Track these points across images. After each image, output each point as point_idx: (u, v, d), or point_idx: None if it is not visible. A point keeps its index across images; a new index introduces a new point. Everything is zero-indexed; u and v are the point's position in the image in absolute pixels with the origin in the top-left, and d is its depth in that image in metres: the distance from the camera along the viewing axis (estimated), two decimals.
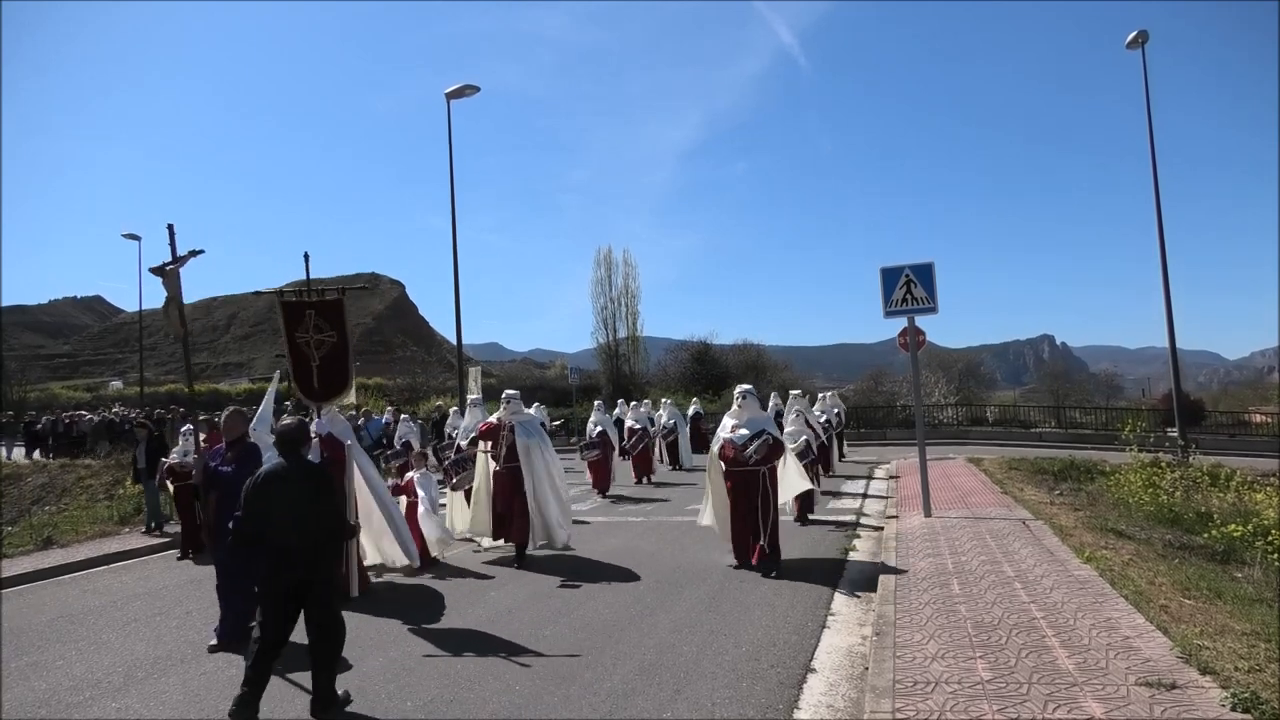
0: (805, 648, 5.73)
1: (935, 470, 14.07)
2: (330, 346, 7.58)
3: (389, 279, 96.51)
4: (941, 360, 44.49)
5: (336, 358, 7.61)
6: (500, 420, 9.26)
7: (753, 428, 8.37)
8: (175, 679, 5.59)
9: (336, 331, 7.57)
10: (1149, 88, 19.99)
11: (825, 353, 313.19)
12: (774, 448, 8.29)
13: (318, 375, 7.61)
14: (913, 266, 10.70)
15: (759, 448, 8.14)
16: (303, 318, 7.57)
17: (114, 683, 5.59)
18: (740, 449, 8.25)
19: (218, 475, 6.43)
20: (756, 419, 8.50)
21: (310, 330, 7.56)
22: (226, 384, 57.61)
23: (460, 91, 20.79)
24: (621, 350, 45.01)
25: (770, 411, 11.84)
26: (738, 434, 8.37)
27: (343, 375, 7.68)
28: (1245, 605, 6.04)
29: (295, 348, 7.61)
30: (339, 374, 7.65)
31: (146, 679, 5.62)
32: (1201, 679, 4.35)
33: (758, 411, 8.60)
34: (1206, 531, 9.47)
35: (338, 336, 7.57)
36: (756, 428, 8.36)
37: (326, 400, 7.74)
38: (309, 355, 7.58)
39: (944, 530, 9.30)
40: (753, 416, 8.51)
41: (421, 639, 6.29)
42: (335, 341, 7.58)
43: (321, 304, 7.60)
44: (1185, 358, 25.56)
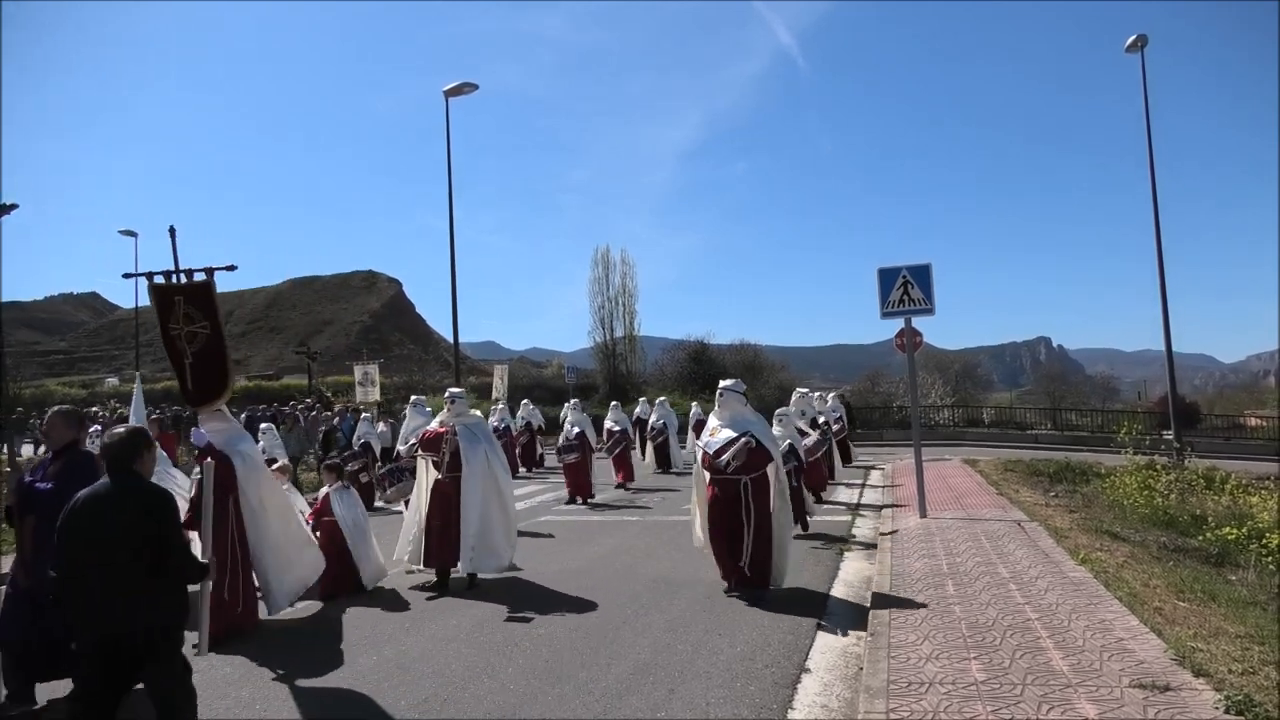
0: (800, 648, 5.72)
1: (931, 471, 14.07)
2: (204, 340, 6.36)
3: (386, 277, 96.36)
4: (938, 361, 44.57)
5: (210, 353, 6.40)
6: (444, 425, 8.19)
7: (736, 429, 7.22)
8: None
9: (209, 322, 6.36)
10: (1147, 93, 20.03)
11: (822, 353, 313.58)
12: (757, 452, 7.07)
13: (190, 374, 6.39)
14: (910, 268, 10.71)
15: (736, 453, 6.96)
16: (173, 305, 6.36)
17: None
18: (715, 455, 7.09)
19: (34, 494, 5.00)
20: (740, 419, 7.34)
21: (181, 320, 6.36)
22: None
23: (458, 89, 20.78)
24: (619, 350, 45.03)
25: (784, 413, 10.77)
26: (715, 438, 7.25)
27: (218, 374, 6.46)
28: (1239, 608, 6.05)
29: (169, 341, 6.44)
30: (214, 372, 6.43)
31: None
32: (1195, 681, 4.35)
33: (741, 410, 7.44)
34: (1201, 534, 9.49)
35: (210, 328, 6.37)
36: (740, 429, 7.21)
37: (203, 404, 6.48)
38: (182, 350, 6.40)
39: (939, 531, 9.31)
40: (736, 416, 7.37)
41: (415, 638, 6.28)
42: (208, 334, 6.37)
43: (190, 289, 6.37)
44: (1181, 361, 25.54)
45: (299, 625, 6.75)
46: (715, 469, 7.09)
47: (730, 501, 7.09)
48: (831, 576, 7.93)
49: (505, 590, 7.72)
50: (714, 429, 7.37)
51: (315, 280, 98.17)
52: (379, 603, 7.43)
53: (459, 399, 8.35)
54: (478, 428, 8.20)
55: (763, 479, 7.18)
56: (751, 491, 7.06)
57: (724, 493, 7.13)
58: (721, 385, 7.56)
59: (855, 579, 7.81)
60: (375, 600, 7.53)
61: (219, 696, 5.16)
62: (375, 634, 6.40)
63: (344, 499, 7.96)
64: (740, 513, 7.02)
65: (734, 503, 7.07)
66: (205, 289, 6.38)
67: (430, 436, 8.18)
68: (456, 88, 20.76)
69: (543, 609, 6.96)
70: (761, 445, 7.11)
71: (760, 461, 7.12)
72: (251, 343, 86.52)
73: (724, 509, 7.13)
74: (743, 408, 7.45)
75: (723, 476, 7.07)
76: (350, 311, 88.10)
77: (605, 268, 44.97)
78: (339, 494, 8.00)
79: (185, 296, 6.36)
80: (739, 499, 7.05)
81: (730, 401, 7.38)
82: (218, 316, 6.44)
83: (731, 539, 7.09)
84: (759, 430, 7.26)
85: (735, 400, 7.41)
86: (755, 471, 7.09)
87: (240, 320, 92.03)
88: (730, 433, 7.17)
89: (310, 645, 6.19)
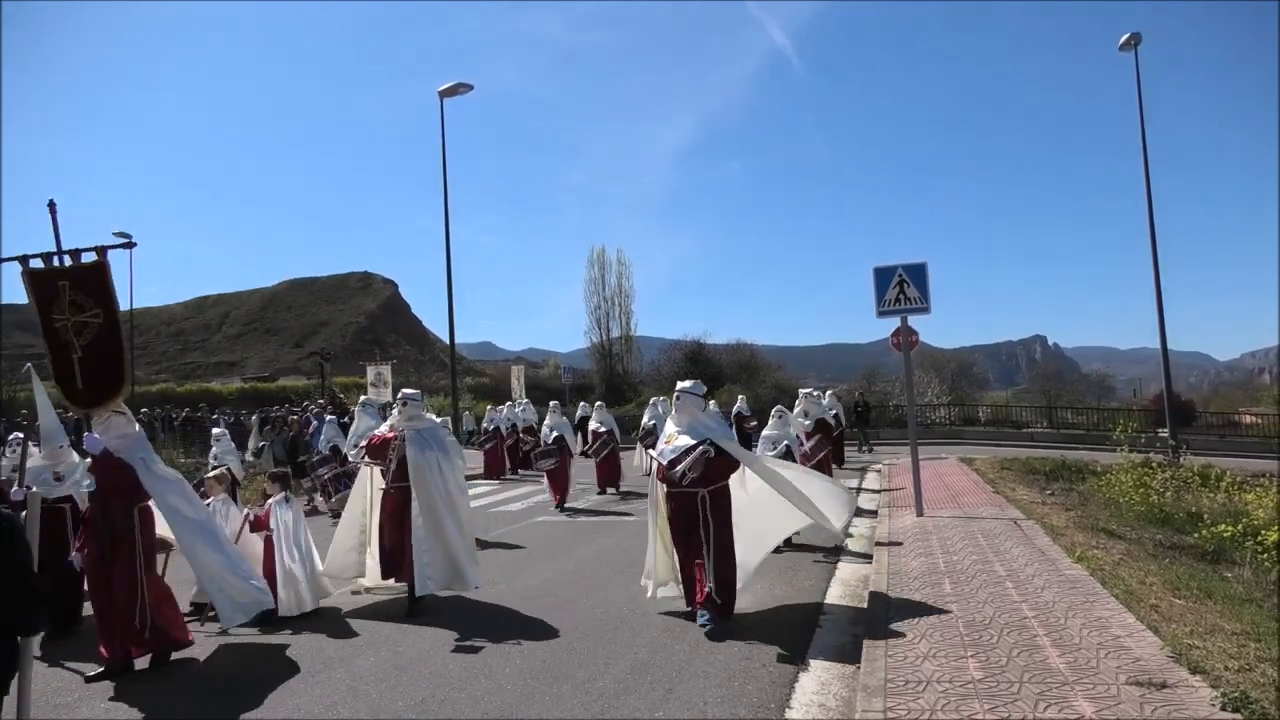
0: (797, 647, 5.72)
1: (928, 470, 14.08)
2: (95, 330, 5.61)
3: (382, 278, 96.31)
4: (934, 360, 44.57)
5: (103, 346, 5.64)
6: (394, 430, 7.42)
7: (694, 436, 6.39)
8: None
9: (102, 309, 5.61)
10: (1141, 91, 20.08)
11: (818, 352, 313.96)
12: (717, 462, 6.28)
13: (80, 370, 5.61)
14: (906, 266, 10.71)
15: (693, 462, 6.15)
16: (57, 293, 5.62)
17: None
18: (669, 465, 6.31)
19: None
20: (699, 424, 6.53)
21: (67, 309, 5.61)
22: (218, 383, 57.41)
23: (453, 89, 20.77)
24: (615, 350, 45.06)
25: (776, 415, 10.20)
26: (671, 446, 6.45)
27: (114, 370, 5.72)
28: (1235, 605, 6.07)
29: (52, 333, 5.66)
30: (109, 368, 5.68)
31: None
32: (1192, 678, 4.36)
33: (699, 414, 6.63)
34: (1197, 531, 9.51)
35: (104, 316, 5.62)
36: (698, 435, 6.38)
37: (96, 405, 5.73)
38: (69, 344, 5.62)
39: (936, 530, 9.32)
40: (694, 422, 6.54)
41: (412, 638, 6.27)
42: (101, 323, 5.62)
43: (77, 271, 5.63)
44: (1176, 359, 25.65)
45: (295, 625, 6.73)
46: (670, 481, 6.34)
47: (688, 517, 6.31)
48: (829, 575, 7.94)
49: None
50: (670, 436, 6.60)
51: (311, 281, 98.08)
52: (375, 603, 7.42)
53: (411, 400, 7.54)
54: (430, 433, 7.37)
55: (723, 492, 6.41)
56: (710, 505, 6.23)
57: (681, 507, 6.34)
58: (679, 387, 6.75)
59: (852, 578, 7.81)
60: (371, 600, 7.51)
61: (217, 696, 5.15)
62: (372, 635, 6.39)
63: (286, 509, 7.29)
64: (699, 530, 6.22)
65: (692, 519, 6.28)
66: (97, 271, 5.61)
67: (377, 442, 7.46)
68: (451, 88, 20.75)
69: (535, 610, 6.95)
70: (722, 453, 6.36)
71: (721, 471, 6.37)
72: (247, 344, 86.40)
73: (681, 526, 6.37)
74: (701, 413, 6.68)
75: (679, 489, 6.30)
76: (346, 312, 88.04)
77: (602, 268, 45.07)
78: (281, 506, 7.28)
79: (72, 281, 5.61)
80: (697, 515, 6.25)
81: (688, 405, 6.59)
82: (112, 303, 5.66)
83: (692, 557, 6.34)
84: (719, 436, 6.48)
85: (694, 404, 6.63)
86: (715, 483, 6.30)
87: (236, 322, 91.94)
88: (687, 440, 6.38)
89: (307, 645, 6.17)
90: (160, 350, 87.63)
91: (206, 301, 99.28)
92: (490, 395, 38.79)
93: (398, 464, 7.20)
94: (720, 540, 6.22)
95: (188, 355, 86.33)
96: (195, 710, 5.00)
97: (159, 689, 5.39)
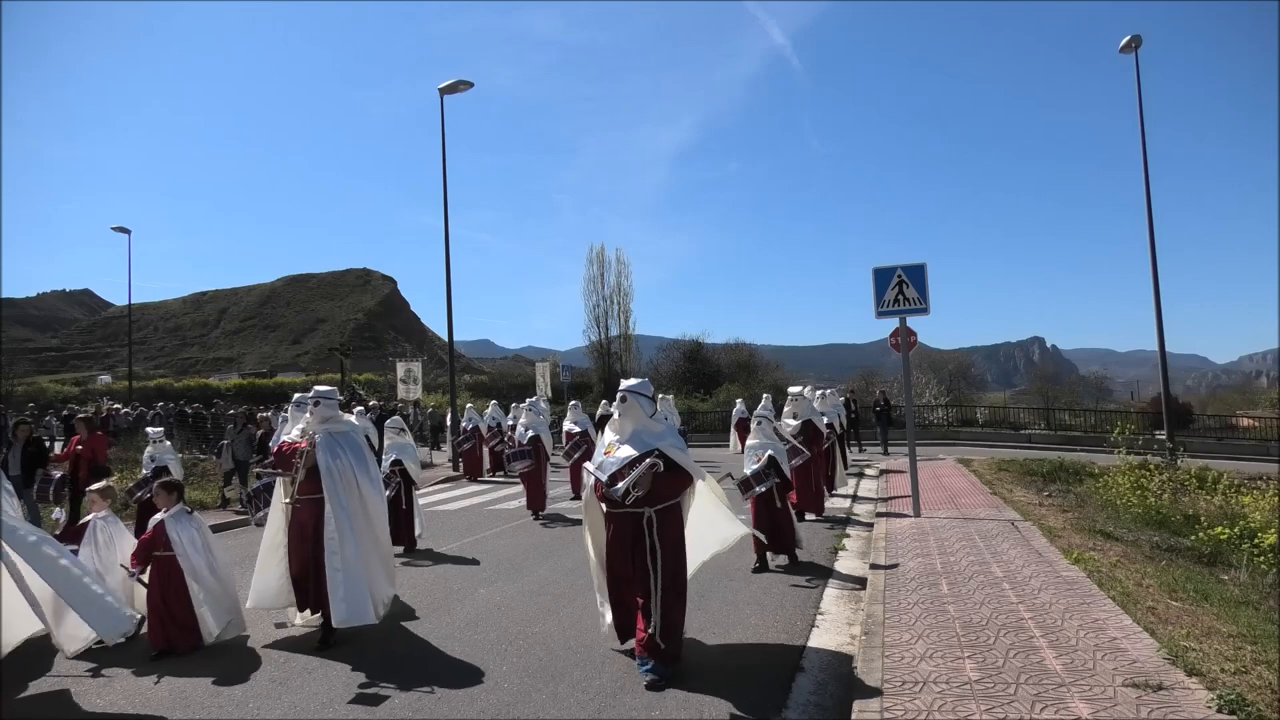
0: (794, 647, 5.73)
1: (925, 471, 14.11)
2: None
3: (381, 275, 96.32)
4: (932, 361, 44.61)
5: None
6: (306, 435, 6.46)
7: (638, 445, 5.31)
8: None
9: None
10: (1141, 94, 20.07)
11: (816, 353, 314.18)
12: (666, 477, 5.23)
13: None
14: (905, 267, 10.72)
15: (639, 478, 5.06)
16: None
17: None
18: (609, 481, 5.21)
19: None
20: (645, 432, 5.40)
21: None
22: (216, 379, 57.38)
23: (454, 87, 20.75)
24: (614, 349, 45.04)
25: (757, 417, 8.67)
26: (611, 457, 5.36)
27: None
28: (1231, 607, 6.07)
29: None
30: None
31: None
32: (1188, 680, 4.37)
33: (646, 421, 5.48)
34: (1193, 534, 9.52)
35: None
36: (643, 445, 5.30)
37: None
38: None
39: (933, 531, 9.33)
40: (640, 428, 5.43)
41: (409, 637, 6.27)
42: None
43: None
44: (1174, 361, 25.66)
45: (290, 624, 6.71)
46: (610, 500, 5.23)
47: (631, 543, 5.25)
48: (825, 576, 7.93)
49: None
50: (610, 445, 5.49)
51: (309, 278, 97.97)
52: None
53: (325, 400, 6.52)
54: (345, 439, 6.44)
55: (674, 512, 5.39)
56: (658, 528, 5.20)
57: (622, 531, 5.28)
58: (623, 386, 5.59)
59: (848, 578, 7.80)
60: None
61: (214, 695, 5.14)
62: (368, 633, 6.37)
63: (184, 526, 6.25)
64: (645, 558, 5.19)
65: (635, 544, 5.23)
66: None
67: (285, 450, 6.49)
68: (452, 85, 20.74)
69: (533, 608, 6.93)
70: (674, 466, 5.30)
71: (672, 488, 5.33)
72: (245, 340, 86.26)
73: (623, 553, 5.30)
74: (649, 418, 5.51)
75: (620, 510, 5.21)
76: (344, 309, 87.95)
77: (600, 266, 45.04)
78: (177, 520, 6.24)
79: None
80: (642, 539, 5.21)
81: (633, 409, 5.45)
82: None
83: (633, 591, 5.29)
84: (670, 446, 5.35)
85: (640, 406, 5.49)
86: (664, 502, 5.26)
87: (234, 318, 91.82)
88: (630, 450, 5.30)
89: (301, 644, 6.16)
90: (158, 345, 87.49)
91: (204, 297, 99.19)
92: (488, 393, 38.77)
93: (308, 474, 6.23)
94: (669, 570, 5.21)
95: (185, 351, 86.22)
96: (192, 709, 4.99)
97: (154, 688, 5.38)
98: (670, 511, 5.35)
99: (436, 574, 8.50)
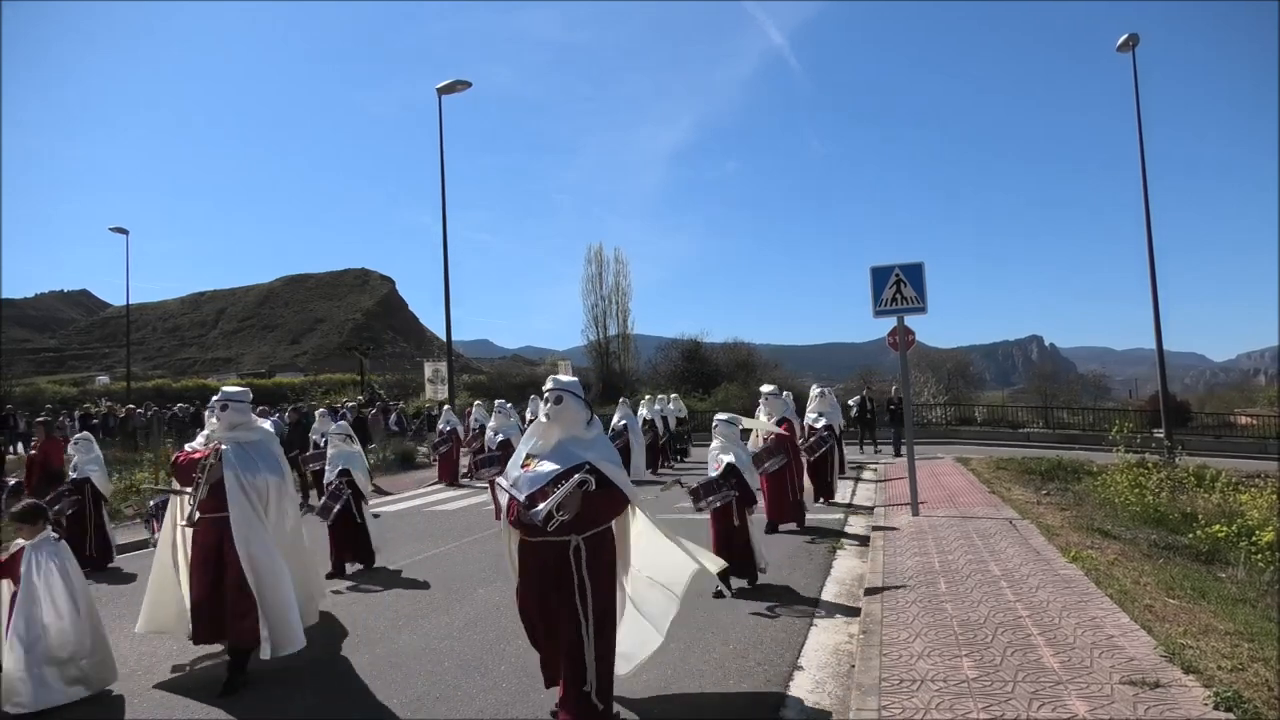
0: (792, 646, 5.74)
1: (923, 470, 14.10)
2: None
3: (379, 275, 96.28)
4: (931, 360, 44.66)
5: None
6: (211, 442, 5.58)
7: (561, 459, 4.33)
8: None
9: None
10: (1139, 92, 20.10)
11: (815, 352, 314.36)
12: (597, 498, 4.23)
13: None
14: (903, 266, 10.72)
15: (563, 498, 4.07)
16: None
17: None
18: (527, 503, 4.14)
19: None
20: (574, 442, 4.41)
21: None
22: (214, 379, 57.34)
23: (452, 86, 20.77)
24: (612, 348, 45.05)
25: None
26: (529, 472, 4.34)
27: None
28: (1229, 605, 6.09)
29: None
30: None
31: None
32: (1185, 678, 4.38)
33: (578, 427, 4.45)
34: (1191, 532, 9.54)
35: None
36: (568, 459, 4.32)
37: None
38: None
39: (931, 529, 9.33)
40: (568, 438, 4.42)
41: (407, 636, 6.27)
42: None
43: None
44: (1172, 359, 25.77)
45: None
46: (529, 525, 4.15)
47: (554, 577, 4.22)
48: (824, 574, 7.94)
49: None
50: (527, 458, 4.46)
51: (308, 278, 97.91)
52: (371, 601, 7.41)
53: (233, 403, 5.63)
54: (258, 448, 5.59)
55: (605, 540, 4.38)
56: (587, 559, 4.20)
57: (543, 563, 4.26)
58: (555, 382, 4.54)
59: (847, 577, 7.82)
60: (367, 598, 7.51)
61: (212, 694, 5.14)
62: (368, 632, 6.39)
63: (47, 556, 5.20)
64: (572, 597, 4.18)
65: (559, 579, 4.21)
66: None
67: (183, 462, 5.59)
68: (450, 85, 20.75)
69: None
70: (606, 484, 4.30)
71: (602, 510, 4.31)
72: (244, 340, 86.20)
73: (543, 589, 4.28)
74: (584, 425, 4.47)
75: (541, 538, 4.19)
76: (343, 309, 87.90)
77: (599, 266, 45.04)
78: (41, 550, 5.21)
79: None
80: (568, 573, 4.19)
81: (567, 412, 4.42)
82: None
83: (556, 637, 4.31)
84: (602, 458, 4.36)
85: (575, 409, 4.45)
86: (594, 527, 4.27)
87: (232, 318, 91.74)
88: (551, 465, 4.31)
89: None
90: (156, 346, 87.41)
91: (203, 297, 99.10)
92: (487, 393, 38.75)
93: (211, 489, 5.34)
94: (600, 610, 4.23)
95: (184, 351, 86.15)
96: (188, 709, 4.99)
97: (149, 689, 5.38)
98: (600, 539, 4.31)
99: (435, 574, 8.49)
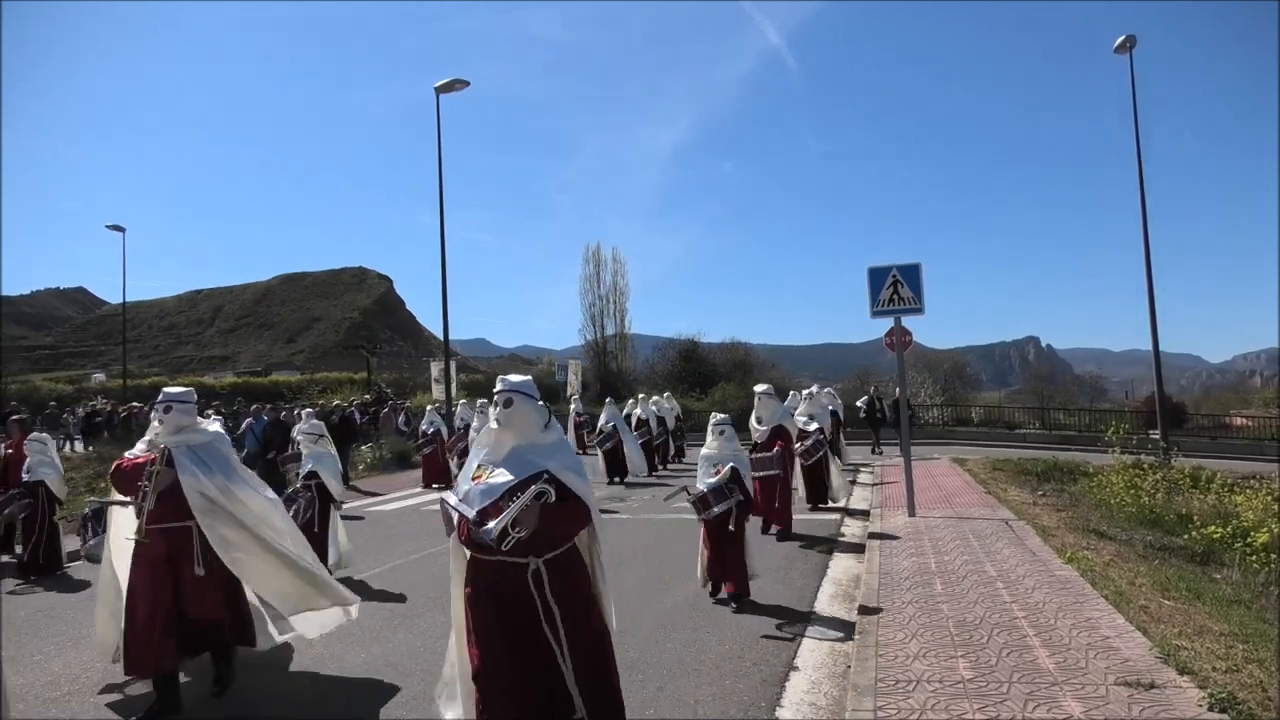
0: (788, 646, 5.74)
1: (920, 470, 14.11)
2: None
3: (377, 273, 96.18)
4: (928, 360, 44.69)
5: None
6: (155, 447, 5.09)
7: (516, 469, 3.69)
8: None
9: None
10: (1136, 94, 20.13)
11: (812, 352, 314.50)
12: (557, 511, 3.58)
13: None
14: (900, 267, 10.74)
15: (520, 513, 3.44)
16: None
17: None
18: (477, 520, 3.49)
19: None
20: (530, 449, 3.76)
21: None
22: (211, 377, 57.24)
23: (450, 85, 20.75)
24: (610, 348, 45.02)
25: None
26: (480, 484, 3.69)
27: None
28: (1224, 606, 6.11)
29: None
30: None
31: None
32: (1180, 679, 4.39)
33: (533, 432, 3.80)
34: (1186, 533, 9.56)
35: None
36: (525, 468, 3.68)
37: None
38: None
39: (927, 530, 9.35)
40: (524, 444, 3.77)
41: (405, 635, 6.27)
42: None
43: None
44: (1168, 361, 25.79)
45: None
46: (481, 544, 3.50)
47: (515, 606, 3.57)
48: (820, 575, 7.95)
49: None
50: (479, 470, 3.79)
51: (305, 276, 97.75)
52: (369, 599, 7.40)
53: (177, 404, 5.19)
54: (207, 450, 5.16)
55: (569, 559, 3.73)
56: (549, 582, 3.58)
57: (500, 590, 3.58)
58: (505, 382, 3.86)
59: (844, 577, 7.83)
60: (370, 597, 7.49)
61: (205, 694, 5.13)
62: (365, 631, 6.38)
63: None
64: (538, 626, 3.55)
65: (521, 609, 3.56)
66: None
67: (126, 469, 5.09)
68: (448, 84, 20.73)
69: None
70: (568, 496, 3.68)
71: (566, 527, 3.68)
72: (240, 338, 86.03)
73: (503, 621, 3.57)
74: (541, 429, 3.81)
75: (495, 558, 3.54)
76: (340, 308, 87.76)
77: (597, 265, 44.99)
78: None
79: None
80: (530, 600, 3.56)
81: (520, 415, 3.77)
82: None
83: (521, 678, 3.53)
84: (563, 467, 3.74)
85: (530, 413, 3.79)
86: (554, 547, 3.63)
87: (229, 316, 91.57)
88: (506, 476, 3.67)
89: (296, 643, 6.16)
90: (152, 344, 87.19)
91: (199, 295, 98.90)
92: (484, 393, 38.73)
93: (159, 498, 4.84)
94: (577, 631, 3.60)
95: (180, 349, 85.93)
96: (185, 709, 4.98)
97: (147, 689, 5.38)
98: (566, 559, 3.69)
99: (432, 572, 8.48)
